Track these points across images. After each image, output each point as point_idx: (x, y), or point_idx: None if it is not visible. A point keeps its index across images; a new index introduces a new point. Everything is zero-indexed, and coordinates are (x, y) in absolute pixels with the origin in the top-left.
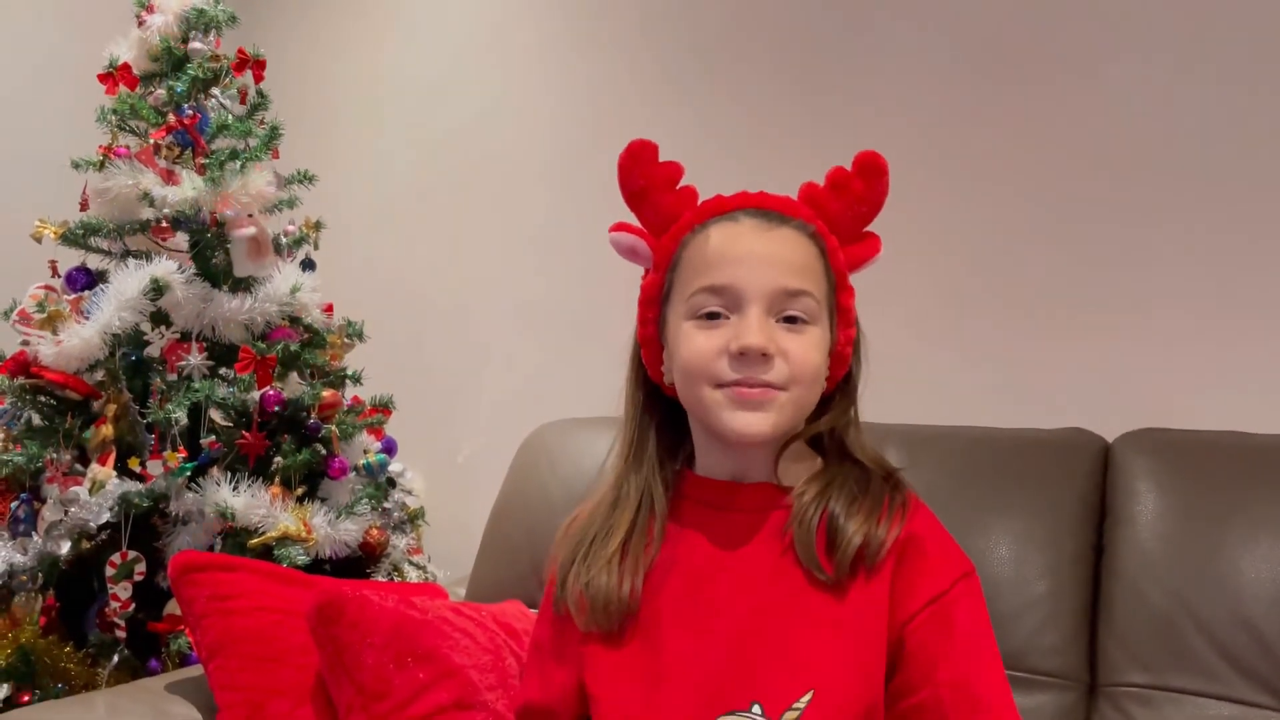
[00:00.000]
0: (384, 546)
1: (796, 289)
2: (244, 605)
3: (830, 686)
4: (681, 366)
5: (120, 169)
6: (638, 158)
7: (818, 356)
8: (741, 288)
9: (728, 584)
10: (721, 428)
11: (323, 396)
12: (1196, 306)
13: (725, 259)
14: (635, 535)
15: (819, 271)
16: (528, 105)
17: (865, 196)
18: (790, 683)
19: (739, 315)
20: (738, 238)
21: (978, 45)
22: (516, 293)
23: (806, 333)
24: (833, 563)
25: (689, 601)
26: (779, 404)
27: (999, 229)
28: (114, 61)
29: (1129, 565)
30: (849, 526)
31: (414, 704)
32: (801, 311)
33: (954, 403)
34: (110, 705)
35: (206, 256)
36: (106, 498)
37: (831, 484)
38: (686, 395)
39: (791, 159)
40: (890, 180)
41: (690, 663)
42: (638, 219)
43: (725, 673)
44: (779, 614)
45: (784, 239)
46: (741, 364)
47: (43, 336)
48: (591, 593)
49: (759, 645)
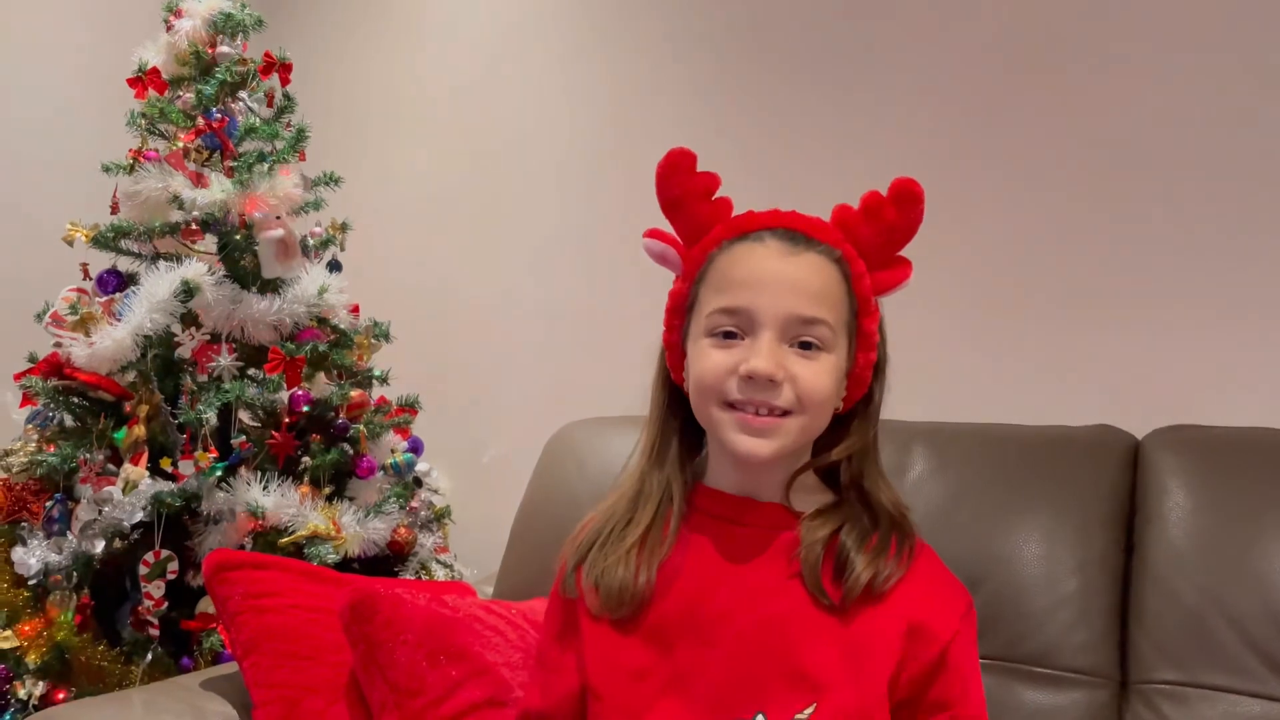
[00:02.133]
0: (411, 545)
1: (811, 316)
2: (278, 603)
3: (832, 701)
4: (694, 382)
5: (150, 172)
6: (676, 166)
7: (827, 382)
8: (756, 312)
9: (734, 596)
10: (728, 446)
11: (351, 396)
12: (1226, 302)
13: (745, 281)
14: (654, 530)
15: (839, 297)
16: (552, 108)
17: (898, 224)
18: (793, 695)
19: (753, 338)
20: (761, 260)
21: (1010, 40)
22: (542, 293)
23: (818, 359)
24: (839, 591)
25: (695, 609)
26: (783, 430)
27: (1027, 226)
28: (143, 66)
29: (1159, 562)
30: (858, 562)
31: (447, 701)
32: (815, 338)
33: (982, 400)
34: (147, 703)
35: (235, 258)
36: (139, 497)
37: (843, 523)
38: (697, 409)
39: (814, 159)
40: (919, 181)
41: (696, 671)
42: (672, 227)
43: (730, 683)
44: (784, 629)
45: (806, 264)
46: (749, 386)
47: (75, 339)
48: (607, 580)
49: (764, 658)
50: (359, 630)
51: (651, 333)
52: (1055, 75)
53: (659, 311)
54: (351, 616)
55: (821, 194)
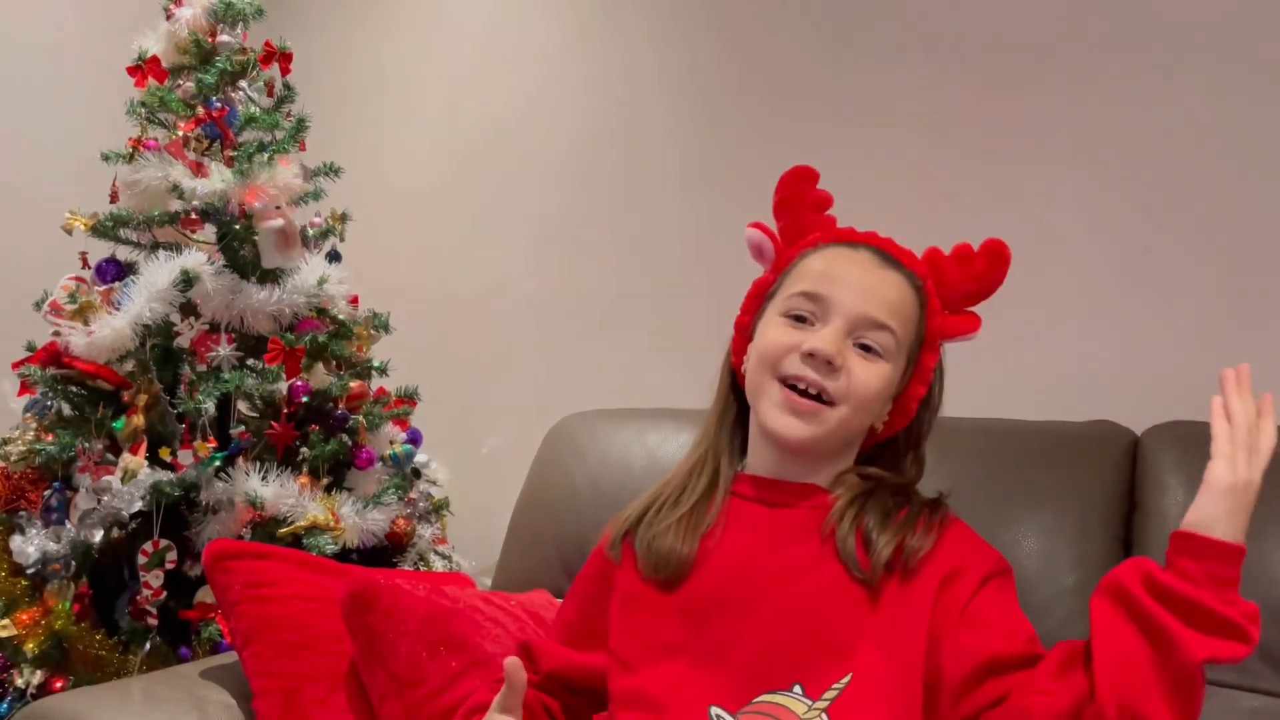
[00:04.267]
0: (410, 536)
1: (881, 322)
2: (277, 593)
3: (868, 671)
4: (758, 350)
5: (150, 161)
6: (801, 177)
7: (878, 386)
8: (834, 301)
9: (771, 571)
10: (767, 421)
11: (350, 387)
12: (1225, 299)
13: (831, 275)
14: (699, 505)
15: (912, 320)
16: (553, 99)
17: (983, 276)
18: (830, 666)
19: (823, 325)
20: (850, 262)
21: (1009, 30)
22: (541, 284)
23: (876, 363)
24: (868, 561)
25: (732, 585)
26: (824, 418)
27: (1027, 221)
28: (143, 54)
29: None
30: (883, 534)
31: (446, 692)
32: (877, 344)
33: (982, 395)
34: (147, 692)
35: (235, 248)
36: (138, 486)
37: (873, 492)
38: (752, 380)
39: (808, 152)
40: (918, 174)
41: (732, 643)
42: (777, 225)
43: (768, 654)
44: (820, 602)
45: (890, 279)
46: (808, 364)
47: (74, 327)
48: (656, 545)
49: (801, 630)
50: (359, 620)
51: (651, 325)
52: (1054, 69)
53: (657, 305)
54: (352, 606)
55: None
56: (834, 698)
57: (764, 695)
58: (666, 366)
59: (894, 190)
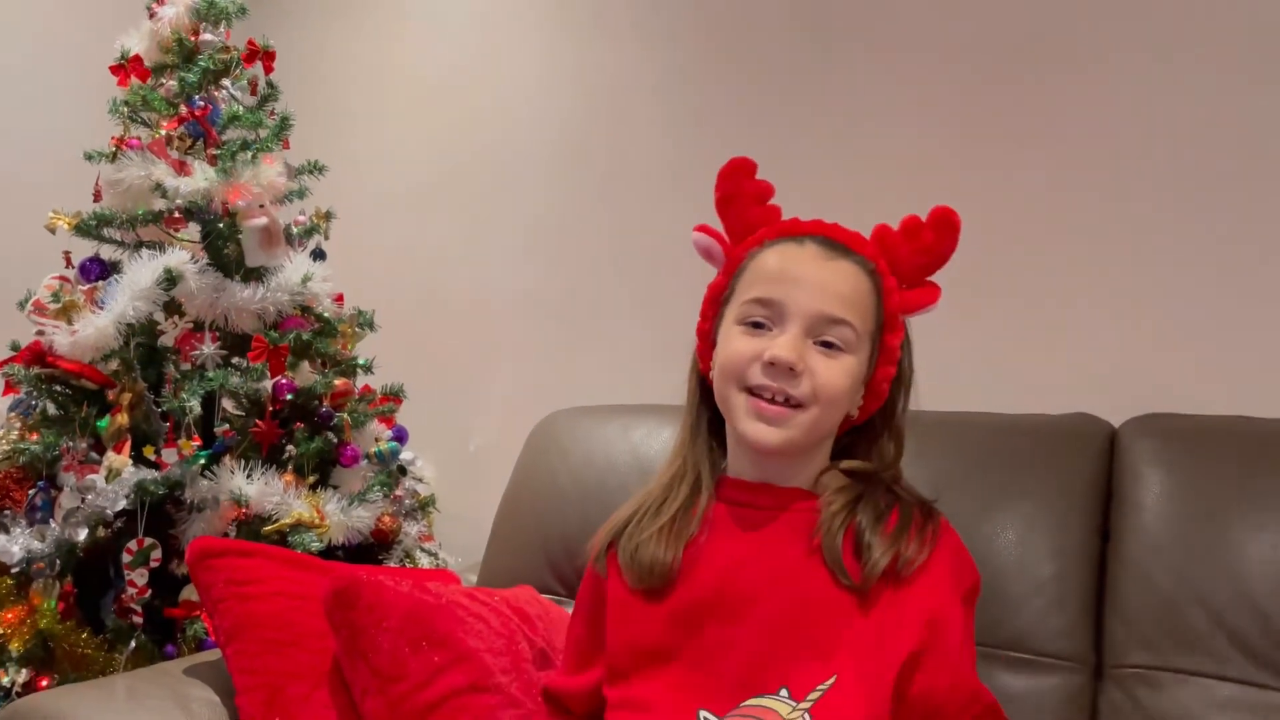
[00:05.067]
0: (396, 534)
1: (838, 317)
2: (261, 590)
3: (852, 673)
4: (720, 364)
5: (133, 160)
6: (737, 171)
7: (844, 382)
8: (787, 305)
9: (759, 577)
10: (740, 431)
11: (335, 385)
12: (1202, 292)
13: (782, 277)
14: (683, 512)
15: (868, 307)
16: (539, 96)
17: (933, 248)
18: (815, 668)
19: (780, 329)
20: (799, 260)
21: (999, 27)
22: (527, 282)
23: (839, 359)
24: (858, 570)
25: (721, 591)
26: (794, 421)
27: (1006, 215)
28: (125, 53)
29: (1135, 549)
30: (875, 545)
31: (429, 687)
32: (838, 339)
33: (960, 389)
34: (130, 689)
35: (218, 247)
36: (123, 485)
37: (861, 498)
38: (720, 391)
39: (797, 149)
40: (906, 170)
41: (722, 649)
42: (722, 224)
43: (756, 660)
44: (808, 609)
45: (841, 270)
46: (770, 373)
47: (58, 326)
48: (639, 555)
49: (788, 635)
50: (342, 616)
51: (636, 324)
52: (1039, 64)
53: (643, 302)
54: (334, 603)
55: (804, 184)
56: (817, 699)
57: (752, 699)
58: (653, 364)
59: (882, 185)
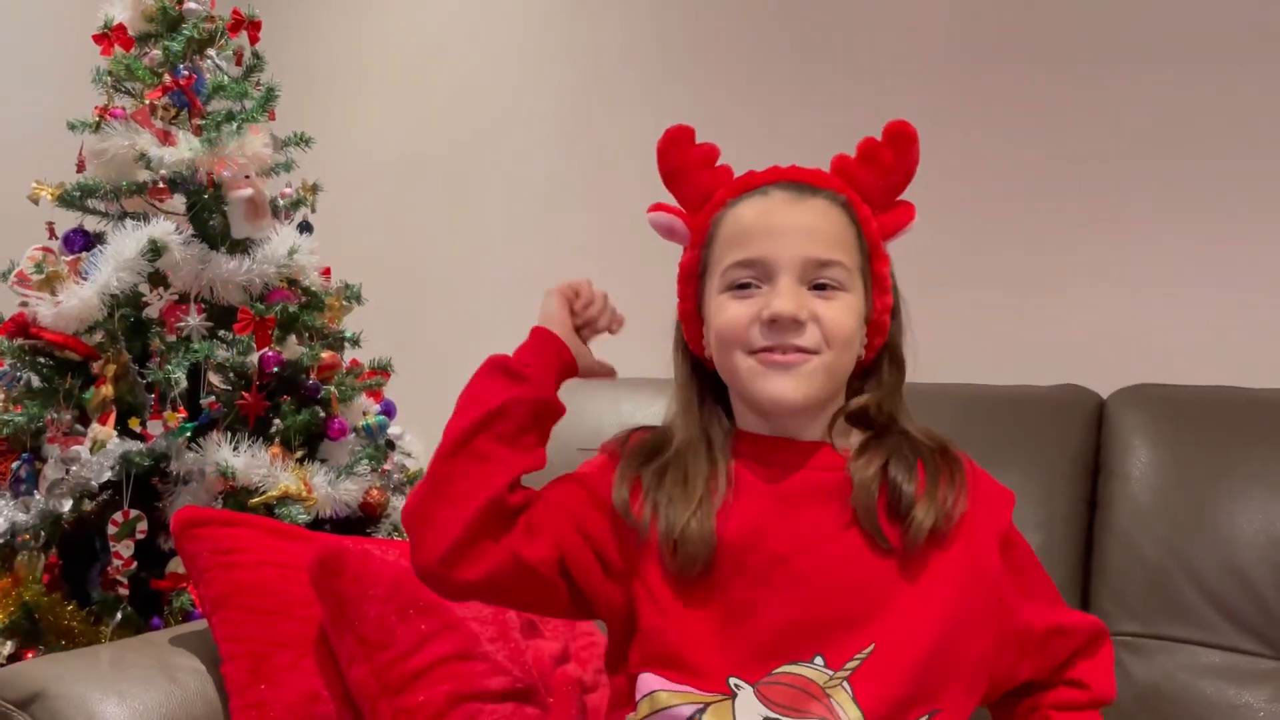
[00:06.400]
0: (384, 507)
1: (826, 258)
2: (246, 559)
3: (890, 641)
4: (716, 335)
5: (116, 130)
6: (675, 140)
7: (850, 321)
8: (772, 259)
9: (789, 539)
10: (755, 394)
11: (321, 358)
12: (1190, 263)
13: (757, 232)
14: (709, 481)
15: (851, 241)
16: (525, 70)
17: (896, 166)
18: (852, 636)
19: (771, 285)
20: (769, 211)
21: (988, 8)
22: (515, 256)
23: (838, 298)
24: (897, 534)
25: (750, 553)
26: (810, 369)
27: (994, 186)
28: (109, 22)
29: (1122, 518)
30: (917, 508)
31: (416, 655)
32: (831, 279)
33: (949, 360)
34: (115, 659)
35: (204, 218)
36: (108, 457)
37: (889, 458)
38: (722, 364)
39: (789, 129)
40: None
41: (753, 613)
42: (675, 198)
43: (789, 626)
44: (843, 573)
45: (814, 209)
46: (773, 331)
47: (41, 298)
48: (686, 535)
49: (823, 601)
50: (327, 585)
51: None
52: (1027, 43)
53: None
54: (320, 571)
55: (795, 161)
56: (855, 668)
57: (785, 666)
58: (643, 337)
59: None
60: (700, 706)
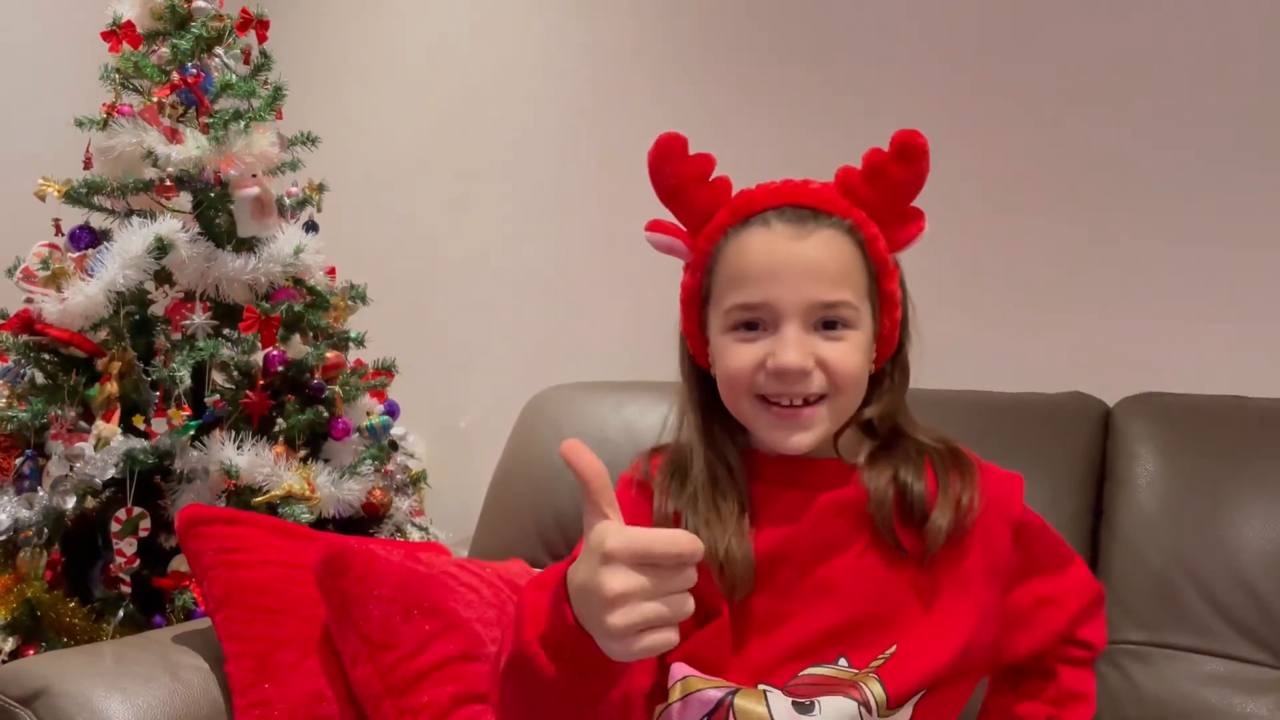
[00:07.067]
0: (387, 508)
1: (833, 300)
2: (250, 558)
3: (912, 641)
4: (723, 378)
5: (124, 127)
6: (667, 154)
7: (858, 359)
8: (776, 303)
9: (809, 553)
10: (766, 442)
11: (326, 358)
12: (1197, 272)
13: (759, 273)
14: (736, 504)
15: (857, 270)
16: (534, 69)
17: (904, 180)
18: (874, 638)
19: (776, 328)
20: (771, 248)
21: (996, 11)
22: (520, 257)
23: (846, 338)
24: (914, 539)
25: (773, 569)
26: (819, 417)
27: (1001, 196)
28: (117, 19)
29: (1128, 526)
30: (933, 513)
31: (420, 655)
32: (839, 318)
33: (956, 367)
34: (118, 655)
35: (210, 216)
36: (112, 454)
37: (899, 466)
38: (729, 404)
39: (795, 130)
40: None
41: (781, 625)
42: (673, 216)
43: (814, 634)
44: (863, 580)
45: (818, 243)
46: (779, 380)
47: (47, 294)
48: (730, 558)
49: (846, 609)
50: (332, 585)
51: (629, 299)
52: (1039, 49)
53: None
54: (325, 571)
55: (803, 163)
56: (879, 666)
57: (810, 668)
58: (647, 340)
59: None
60: (731, 689)
